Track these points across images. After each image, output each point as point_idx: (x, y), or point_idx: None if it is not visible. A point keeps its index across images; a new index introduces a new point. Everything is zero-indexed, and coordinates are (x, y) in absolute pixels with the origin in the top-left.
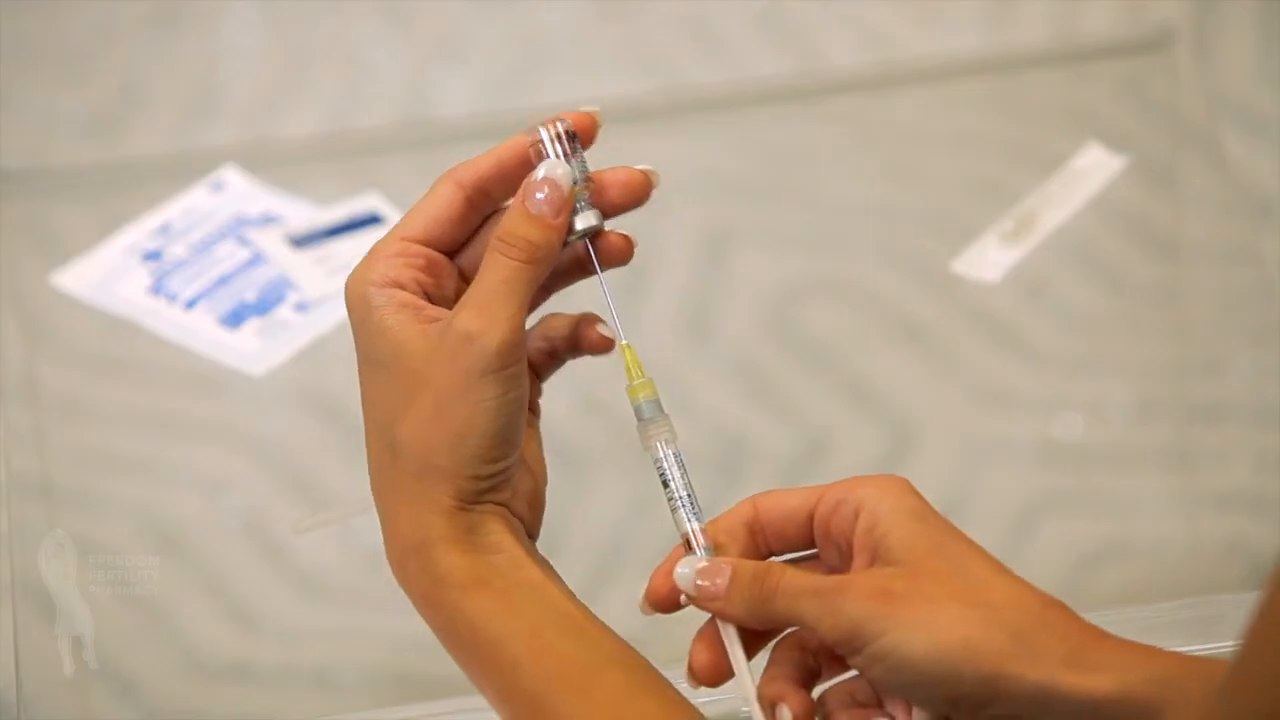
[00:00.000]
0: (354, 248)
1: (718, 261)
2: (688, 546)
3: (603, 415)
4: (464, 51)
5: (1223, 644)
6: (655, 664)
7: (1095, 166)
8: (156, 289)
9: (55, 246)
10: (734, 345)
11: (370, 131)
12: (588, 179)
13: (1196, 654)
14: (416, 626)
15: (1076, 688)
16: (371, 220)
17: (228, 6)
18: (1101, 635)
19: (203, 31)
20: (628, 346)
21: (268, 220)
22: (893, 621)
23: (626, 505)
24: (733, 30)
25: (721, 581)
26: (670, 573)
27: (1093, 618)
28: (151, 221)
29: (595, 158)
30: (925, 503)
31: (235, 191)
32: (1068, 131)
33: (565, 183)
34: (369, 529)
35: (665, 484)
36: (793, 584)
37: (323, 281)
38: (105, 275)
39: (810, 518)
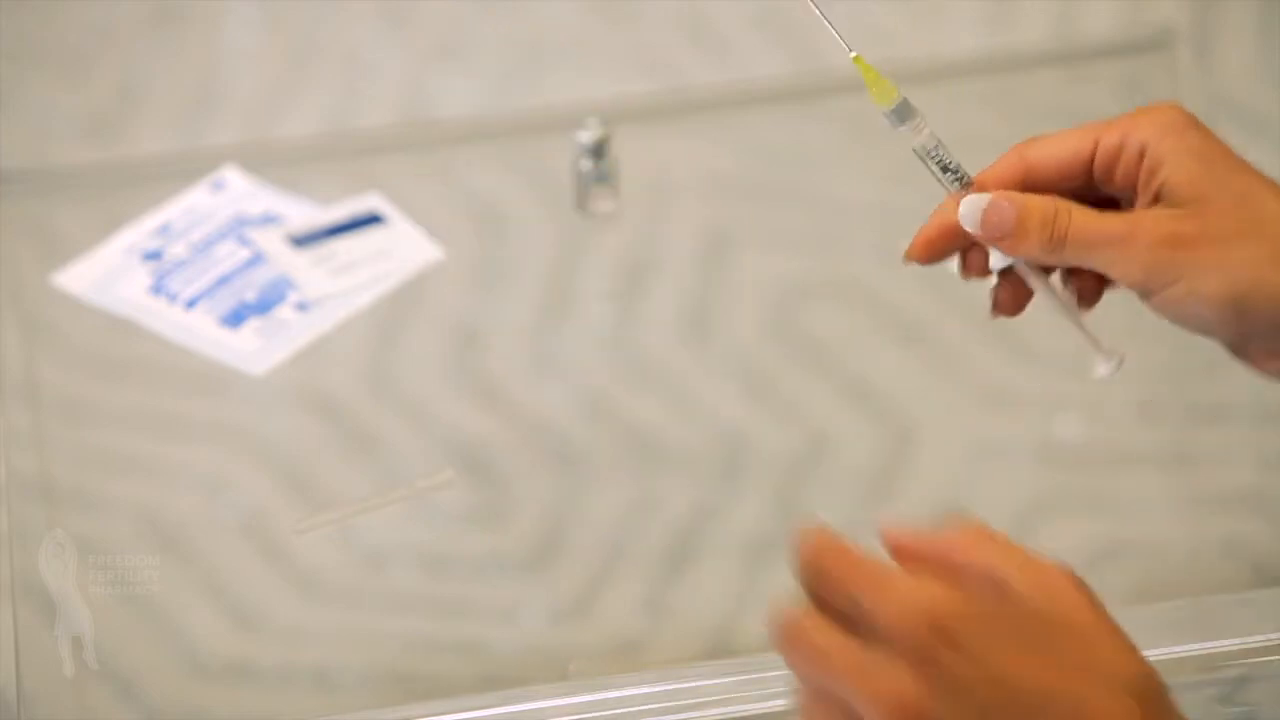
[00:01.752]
0: (354, 247)
1: (718, 261)
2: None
3: (604, 416)
4: (464, 51)
5: (1223, 644)
6: (655, 664)
7: None
8: (157, 289)
9: (55, 246)
10: (734, 345)
11: (370, 131)
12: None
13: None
14: (416, 626)
15: None
16: (372, 220)
17: (228, 6)
18: None
19: (203, 31)
20: (859, 58)
21: (268, 220)
22: (1185, 267)
23: (628, 506)
24: (733, 30)
25: (1010, 217)
26: (941, 224)
27: None
28: (151, 221)
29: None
30: (1207, 135)
31: (235, 191)
32: None
33: None
34: (370, 529)
35: (945, 168)
36: (1083, 230)
37: (323, 281)
38: (105, 275)
39: (1088, 165)
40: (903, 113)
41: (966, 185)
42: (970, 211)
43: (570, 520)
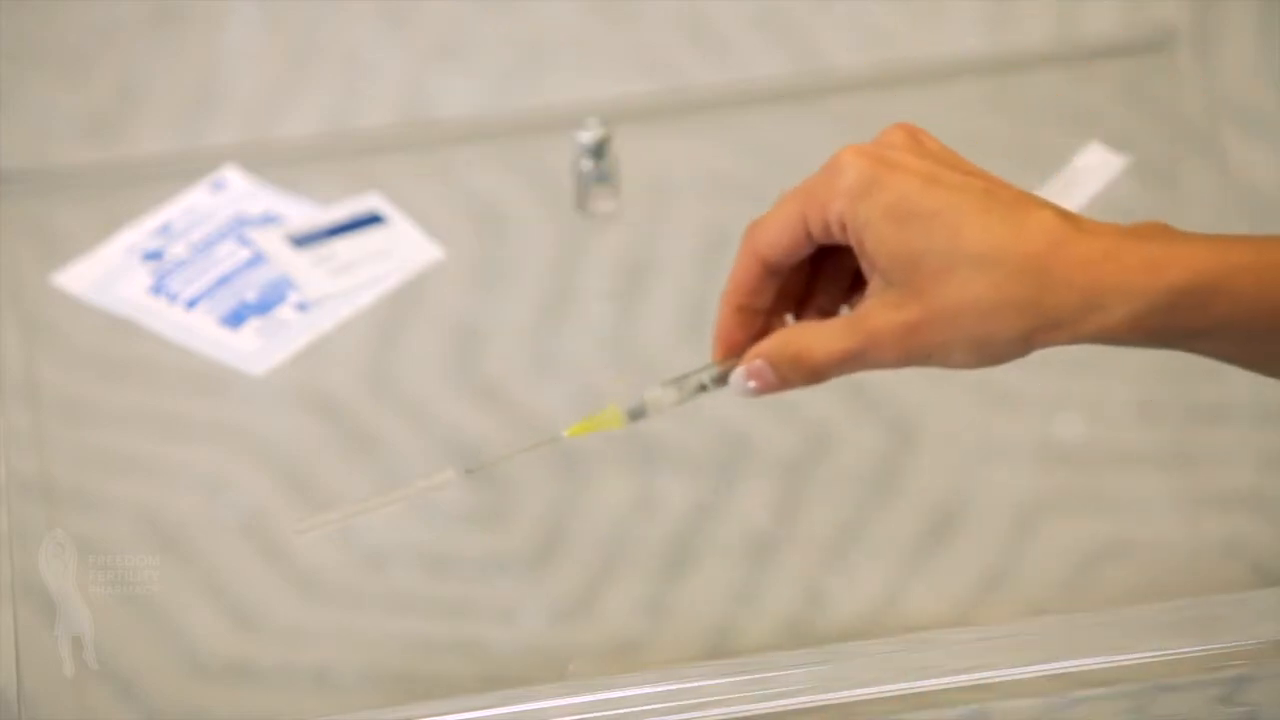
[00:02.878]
0: (354, 247)
1: (718, 261)
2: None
3: None
4: (464, 51)
5: (1224, 644)
6: (655, 664)
7: (1096, 166)
8: (157, 289)
9: (55, 246)
10: None
11: (370, 131)
12: None
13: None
14: (416, 626)
15: (1100, 329)
16: (372, 220)
17: (228, 6)
18: (1110, 254)
19: (203, 31)
20: (574, 430)
21: (268, 220)
22: (930, 349)
23: (628, 506)
24: (733, 30)
25: (769, 374)
26: (726, 335)
27: (1094, 617)
28: (152, 221)
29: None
30: (894, 171)
31: (236, 191)
32: (1069, 131)
33: None
34: (370, 529)
35: (702, 388)
36: (825, 356)
37: (323, 281)
38: (105, 275)
39: (807, 238)
40: (637, 415)
41: (720, 376)
42: (740, 384)
43: (570, 520)
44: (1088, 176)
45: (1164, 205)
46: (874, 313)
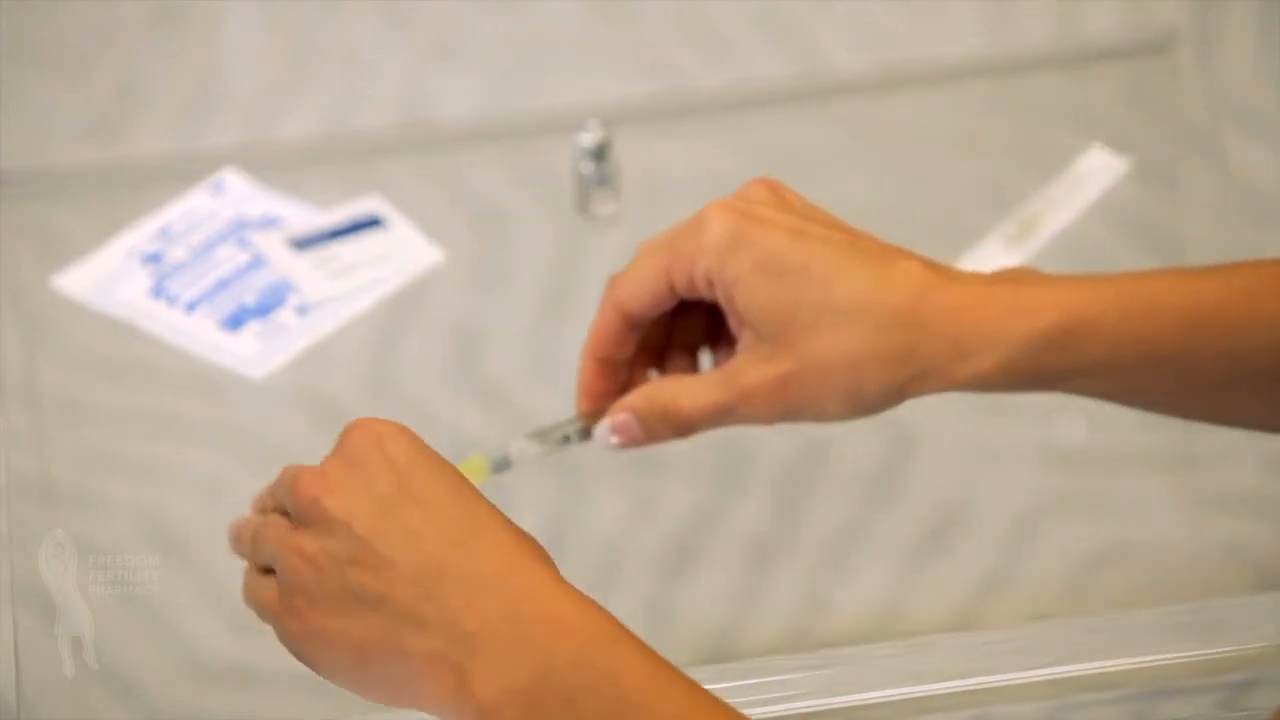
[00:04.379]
0: (355, 250)
1: None
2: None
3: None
4: (464, 51)
5: (1226, 648)
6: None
7: (1098, 168)
8: (157, 291)
9: (55, 248)
10: None
11: (370, 133)
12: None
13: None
14: None
15: (972, 376)
16: (372, 223)
17: (228, 6)
18: (978, 302)
19: (203, 32)
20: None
21: (268, 222)
22: (804, 401)
23: (626, 510)
24: (733, 31)
25: (634, 427)
26: (588, 386)
27: (1095, 621)
28: (152, 224)
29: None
30: (759, 226)
31: (236, 194)
32: (1070, 133)
33: None
34: None
35: (565, 439)
36: (695, 412)
37: (323, 284)
38: (105, 277)
39: (671, 292)
40: (501, 466)
41: (584, 430)
42: (604, 437)
43: (570, 525)
44: (1089, 180)
45: (1164, 207)
46: (745, 368)
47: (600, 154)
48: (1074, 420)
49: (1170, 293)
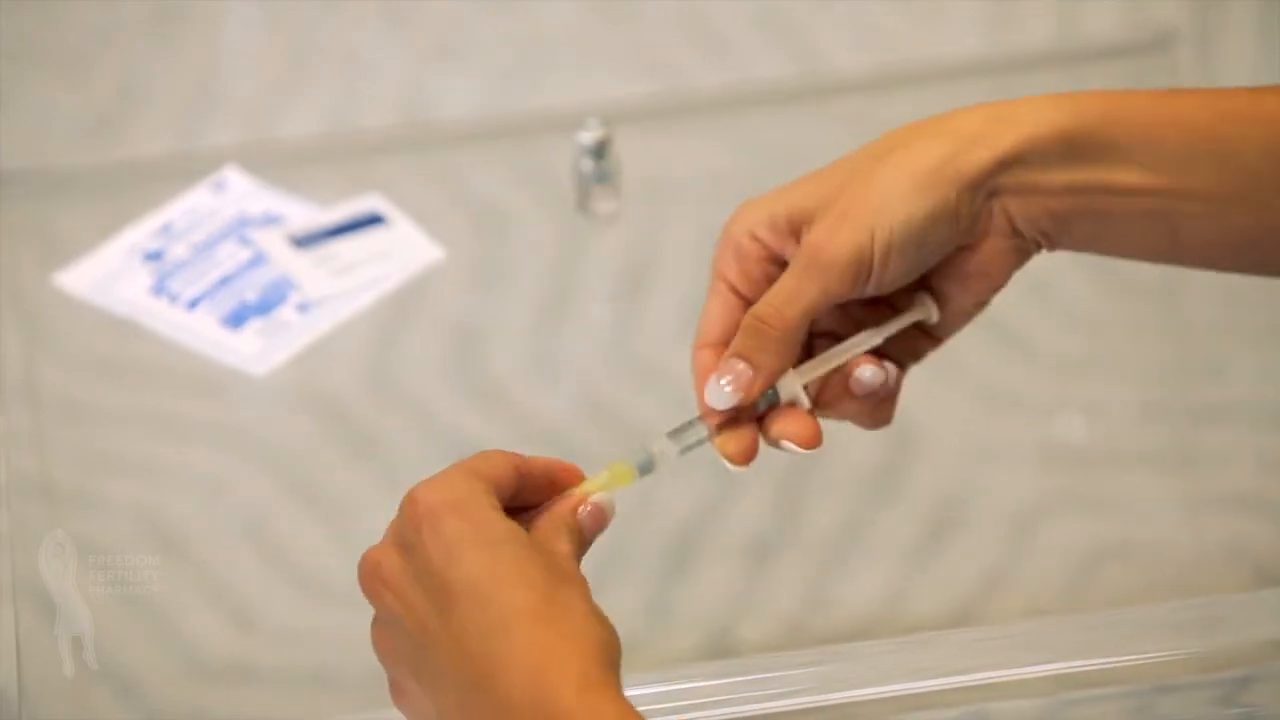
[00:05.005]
0: (355, 248)
1: None
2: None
3: (605, 417)
4: (464, 51)
5: (1225, 645)
6: (656, 664)
7: None
8: (158, 289)
9: (56, 247)
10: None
11: (371, 131)
12: None
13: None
14: None
15: (1017, 140)
16: (373, 221)
17: (228, 6)
18: (1007, 100)
19: (203, 31)
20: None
21: (269, 220)
22: (870, 217)
23: (627, 507)
24: (733, 31)
25: (743, 368)
26: (725, 440)
27: (1095, 618)
28: (153, 222)
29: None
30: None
31: (237, 191)
32: None
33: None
34: (369, 528)
35: (696, 441)
36: (779, 297)
37: (324, 282)
38: (106, 276)
39: (741, 300)
40: (646, 469)
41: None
42: (722, 394)
43: None
44: None
45: None
46: (808, 234)
47: (600, 152)
48: (1073, 419)
49: (1196, 92)
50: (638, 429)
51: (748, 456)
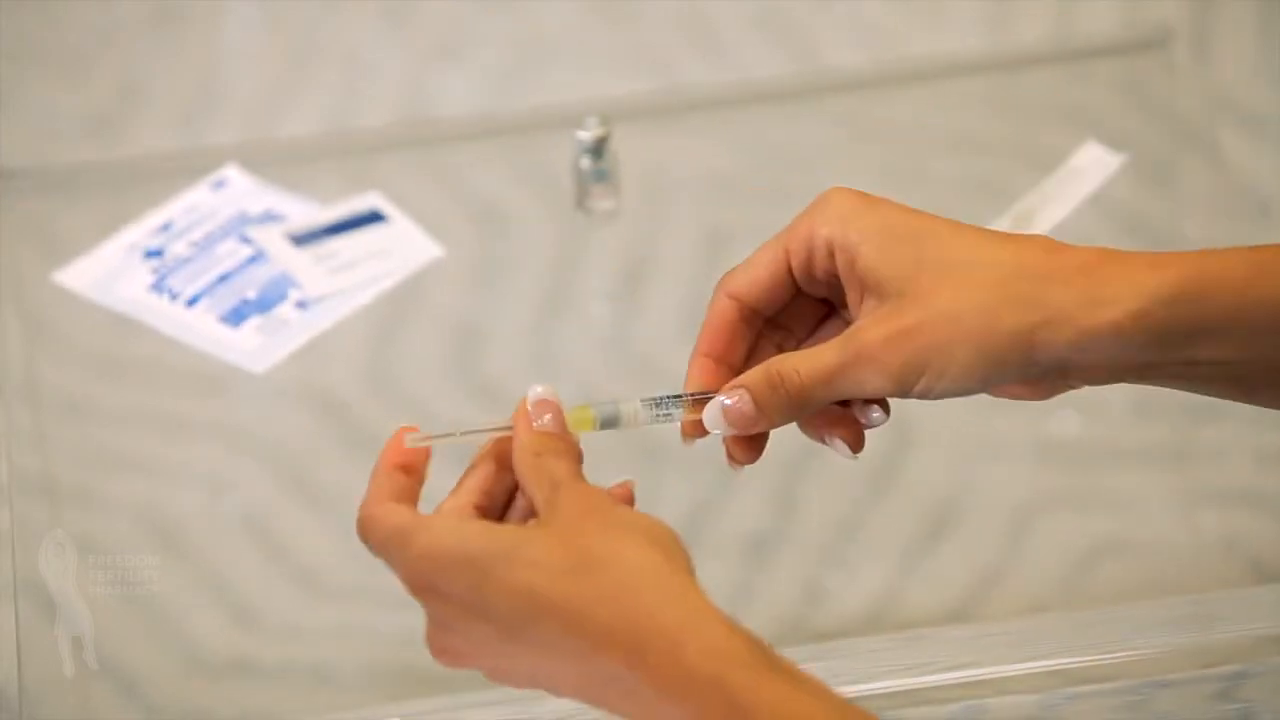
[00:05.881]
0: (355, 245)
1: (717, 260)
2: (695, 405)
3: None
4: (464, 51)
5: (1221, 641)
6: None
7: (1094, 165)
8: (158, 287)
9: (56, 245)
10: None
11: (370, 130)
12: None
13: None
14: (416, 622)
15: (1107, 323)
16: (372, 218)
17: (228, 6)
18: (1106, 259)
19: (203, 31)
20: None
21: (269, 218)
22: (926, 354)
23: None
24: (732, 30)
25: (748, 405)
26: (697, 384)
27: (1091, 615)
28: (153, 219)
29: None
30: (877, 205)
31: (237, 189)
32: (1066, 130)
33: None
34: None
35: (667, 412)
36: (814, 374)
37: (324, 279)
38: (106, 273)
39: (789, 278)
40: (609, 423)
41: (694, 400)
42: (714, 418)
43: None
44: (1085, 174)
45: (1161, 203)
46: (866, 327)
47: (599, 150)
48: (1069, 415)
49: None
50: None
51: (753, 457)
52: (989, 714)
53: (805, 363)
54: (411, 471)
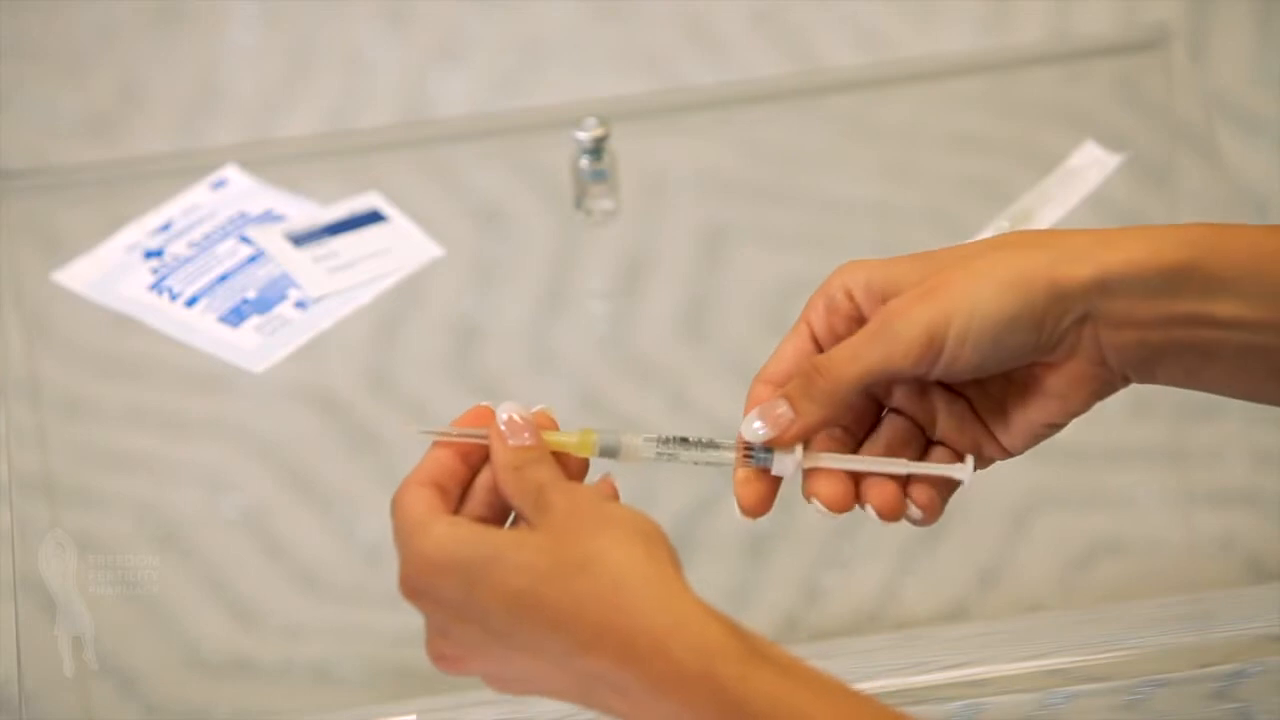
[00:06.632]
0: (354, 245)
1: (716, 260)
2: (746, 452)
3: (602, 413)
4: (464, 51)
5: (1218, 640)
6: None
7: (1091, 164)
8: (157, 287)
9: (56, 245)
10: (732, 343)
11: (370, 131)
12: None
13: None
14: (416, 621)
15: (1123, 262)
16: (372, 218)
17: (228, 6)
18: (1119, 234)
19: (203, 31)
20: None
21: (269, 218)
22: (952, 301)
23: (623, 502)
24: (731, 30)
25: (784, 410)
26: (744, 481)
27: (1088, 614)
28: (153, 219)
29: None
30: (892, 260)
31: (236, 189)
32: (1064, 130)
33: None
34: (369, 525)
35: (703, 448)
36: (841, 354)
37: (323, 279)
38: (106, 273)
39: (816, 349)
40: (608, 452)
41: (709, 442)
42: (752, 429)
43: None
44: (1083, 174)
45: (1158, 203)
46: (892, 303)
47: (598, 150)
48: None
49: None
50: (637, 425)
51: (760, 509)
52: (986, 713)
53: (836, 349)
54: (468, 458)
